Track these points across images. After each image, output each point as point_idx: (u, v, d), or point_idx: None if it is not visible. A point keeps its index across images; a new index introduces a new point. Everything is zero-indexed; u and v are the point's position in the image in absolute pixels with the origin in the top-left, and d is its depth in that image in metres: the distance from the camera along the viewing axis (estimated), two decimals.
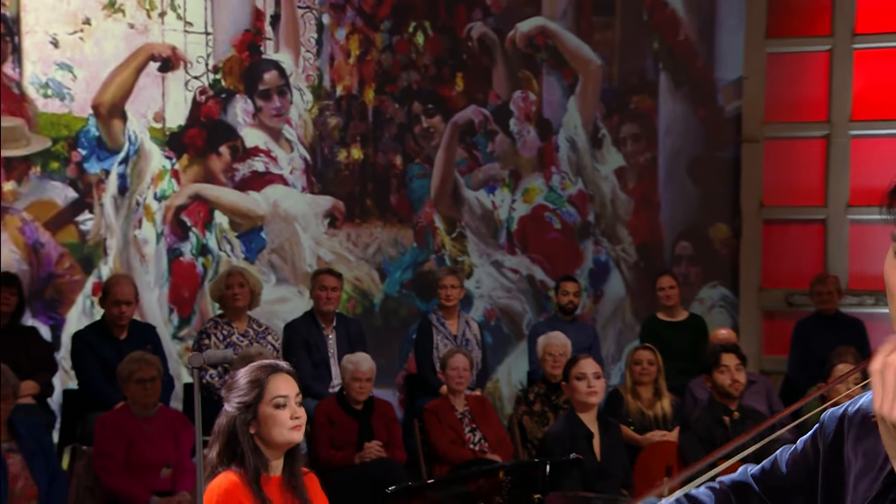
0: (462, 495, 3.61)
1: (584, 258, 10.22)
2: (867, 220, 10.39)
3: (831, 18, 10.65)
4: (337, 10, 9.00)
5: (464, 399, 7.65)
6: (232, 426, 3.62)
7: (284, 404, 3.64)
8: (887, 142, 10.65)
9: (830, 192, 10.66)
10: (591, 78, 10.26)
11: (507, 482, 3.65)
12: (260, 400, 3.62)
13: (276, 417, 3.62)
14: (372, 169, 9.22)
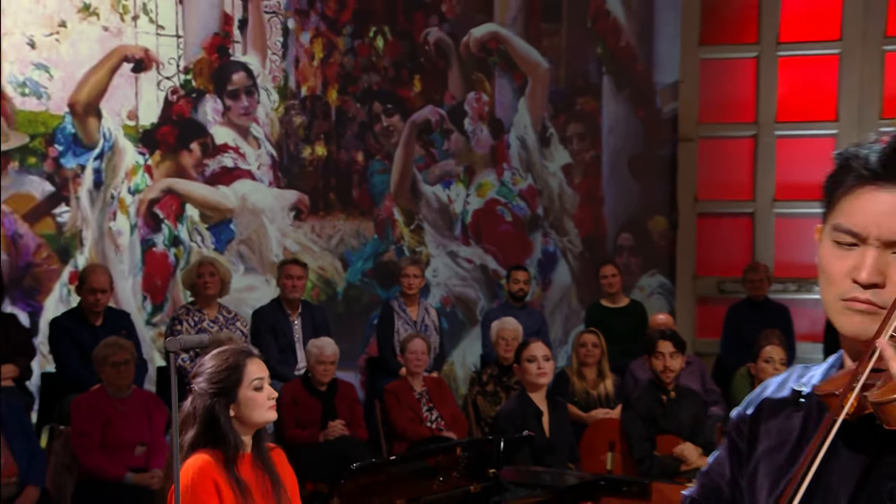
0: (422, 470, 3.54)
1: (533, 249, 10.25)
2: (791, 213, 10.58)
3: (758, 28, 10.75)
4: (301, 15, 8.93)
5: (422, 380, 7.65)
6: (210, 409, 3.56)
7: (261, 387, 3.61)
8: (809, 141, 10.71)
9: (758, 188, 10.79)
10: (539, 80, 10.29)
11: (464, 458, 3.62)
12: (239, 384, 3.57)
13: (256, 399, 3.59)
14: (335, 165, 9.15)
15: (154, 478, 6.13)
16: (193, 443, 3.55)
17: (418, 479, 3.46)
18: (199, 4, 8.31)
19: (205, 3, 8.34)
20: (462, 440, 6.64)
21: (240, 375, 3.58)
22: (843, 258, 1.67)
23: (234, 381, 3.58)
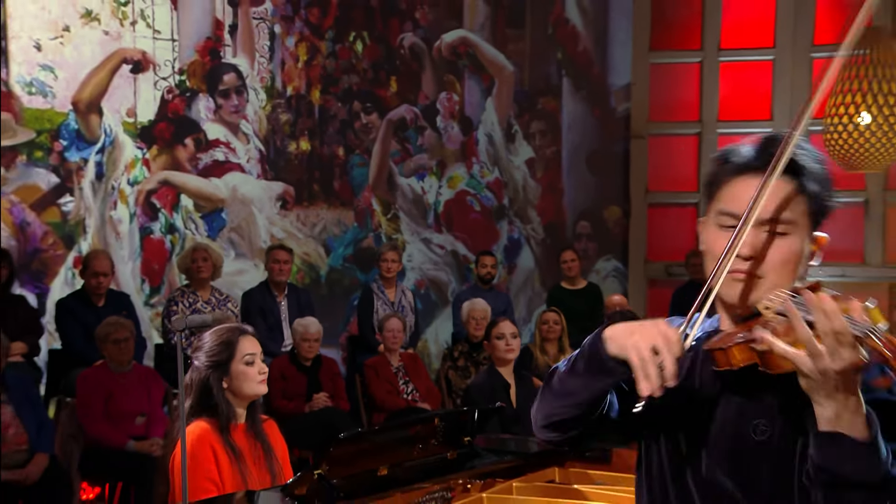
0: (403, 439, 3.50)
1: (499, 236, 10.27)
2: None
3: (701, 35, 10.83)
4: (287, 21, 8.88)
5: (398, 356, 7.65)
6: (205, 381, 3.52)
7: (253, 361, 3.57)
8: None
9: (702, 181, 10.67)
10: (505, 82, 10.30)
11: (442, 427, 3.57)
12: (232, 358, 3.53)
13: (247, 373, 3.54)
14: (318, 159, 9.09)
15: (153, 445, 6.14)
16: (190, 411, 3.51)
17: (399, 446, 3.43)
18: (192, 11, 8.25)
19: (198, 10, 8.29)
20: (439, 411, 6.65)
21: (232, 351, 3.53)
22: (726, 237, 1.79)
23: (227, 356, 3.53)
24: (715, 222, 1.86)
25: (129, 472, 6.18)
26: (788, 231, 1.81)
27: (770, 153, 1.80)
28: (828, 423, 1.62)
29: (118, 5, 7.77)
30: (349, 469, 3.24)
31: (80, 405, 6.18)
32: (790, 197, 1.81)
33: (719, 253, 1.79)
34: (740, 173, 1.83)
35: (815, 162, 1.84)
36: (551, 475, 3.69)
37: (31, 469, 5.64)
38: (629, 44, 10.88)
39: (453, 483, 3.41)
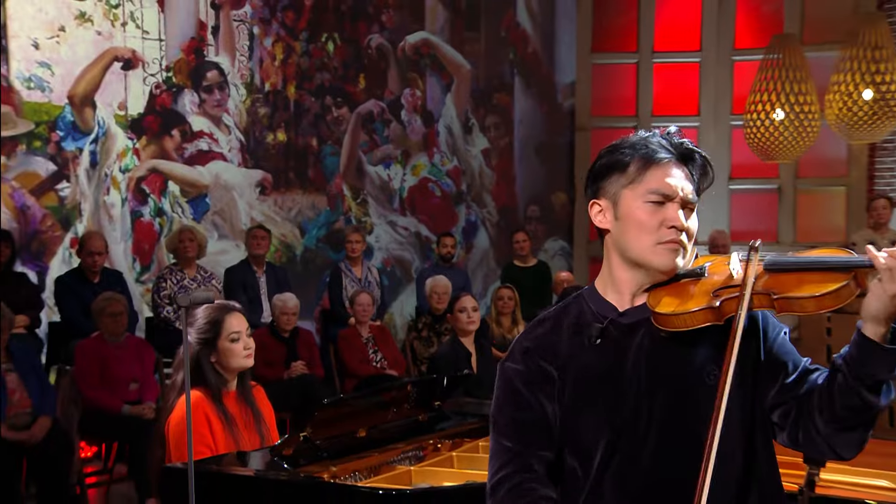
0: (379, 403, 3.51)
1: (458, 218, 10.25)
2: None
3: (637, 39, 10.91)
4: (265, 23, 8.78)
5: (368, 328, 7.64)
6: (196, 357, 3.47)
7: (238, 338, 3.51)
8: None
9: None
10: (462, 79, 10.28)
11: (414, 393, 3.61)
12: (218, 336, 3.48)
13: (233, 349, 3.49)
14: (293, 149, 9.01)
15: (146, 409, 6.11)
16: (183, 383, 3.38)
17: (376, 410, 3.43)
18: (178, 13, 8.16)
19: (183, 12, 8.19)
20: (412, 378, 6.64)
21: (219, 329, 3.48)
22: (655, 213, 1.89)
23: (214, 334, 3.47)
24: (644, 199, 1.90)
25: (123, 433, 6.18)
26: (694, 210, 1.95)
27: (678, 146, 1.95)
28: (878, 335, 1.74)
29: (110, 7, 7.66)
30: (331, 431, 3.23)
31: (78, 373, 6.13)
32: (691, 183, 1.95)
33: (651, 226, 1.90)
34: (668, 160, 1.93)
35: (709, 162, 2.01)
36: None
37: (35, 430, 5.62)
38: (573, 46, 10.92)
39: (425, 443, 3.42)
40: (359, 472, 3.13)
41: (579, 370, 1.93)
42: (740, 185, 10.56)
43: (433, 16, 10.01)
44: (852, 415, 1.78)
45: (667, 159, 1.92)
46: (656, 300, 1.89)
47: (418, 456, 3.36)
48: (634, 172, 1.92)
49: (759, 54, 9.04)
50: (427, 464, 3.26)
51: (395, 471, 3.17)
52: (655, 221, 1.89)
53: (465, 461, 3.33)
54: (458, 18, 10.20)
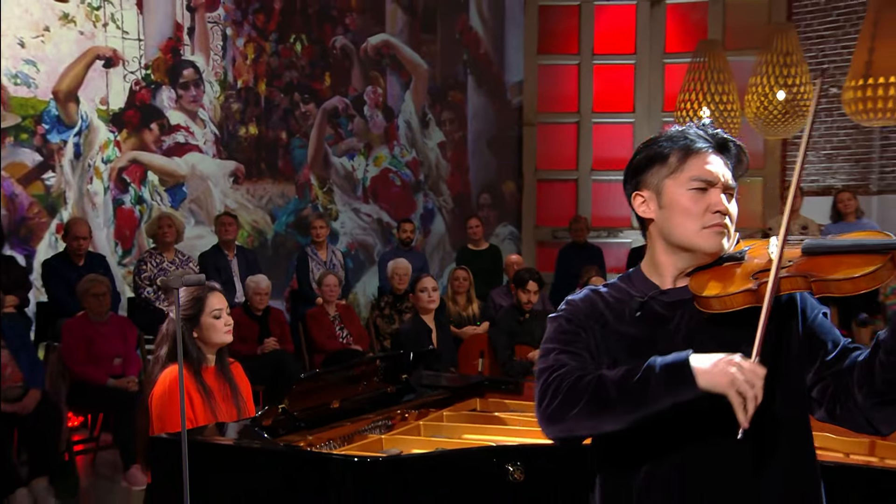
0: (350, 377, 3.45)
1: (416, 206, 10.24)
2: (604, 179, 10.81)
3: (578, 43, 10.93)
4: (237, 24, 8.68)
5: (334, 306, 7.62)
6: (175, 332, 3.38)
7: (220, 315, 3.45)
8: (615, 127, 10.92)
9: (580, 161, 11.01)
10: (420, 78, 10.25)
11: (383, 367, 3.56)
12: (201, 312, 3.41)
13: (214, 325, 3.43)
14: (264, 141, 8.92)
15: (129, 382, 6.09)
16: (167, 357, 3.40)
17: (348, 383, 3.39)
18: (156, 15, 8.03)
19: (161, 14, 8.07)
20: (381, 354, 6.62)
21: (201, 306, 3.42)
22: (700, 199, 1.86)
23: (197, 310, 3.40)
24: (687, 187, 1.87)
25: (108, 405, 6.15)
26: (734, 196, 1.91)
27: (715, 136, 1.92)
28: None
29: (92, 9, 7.52)
30: (307, 403, 3.19)
31: (65, 349, 6.10)
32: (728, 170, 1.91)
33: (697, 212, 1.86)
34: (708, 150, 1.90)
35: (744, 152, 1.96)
36: (474, 405, 3.70)
37: (26, 402, 5.59)
38: (521, 48, 10.92)
39: (393, 413, 3.41)
40: (333, 440, 3.12)
41: (619, 337, 1.88)
42: None
43: (393, 19, 9.97)
44: (891, 389, 1.73)
45: (705, 148, 1.89)
46: (698, 283, 1.85)
47: (387, 425, 3.35)
48: (676, 163, 1.89)
49: (687, 58, 9.14)
50: (396, 432, 3.25)
51: (366, 439, 3.15)
52: (700, 207, 1.86)
53: (432, 429, 3.33)
54: (416, 22, 10.16)
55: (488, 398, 3.74)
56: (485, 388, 3.80)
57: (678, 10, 10.69)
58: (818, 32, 10.22)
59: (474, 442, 3.10)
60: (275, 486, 2.75)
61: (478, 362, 6.77)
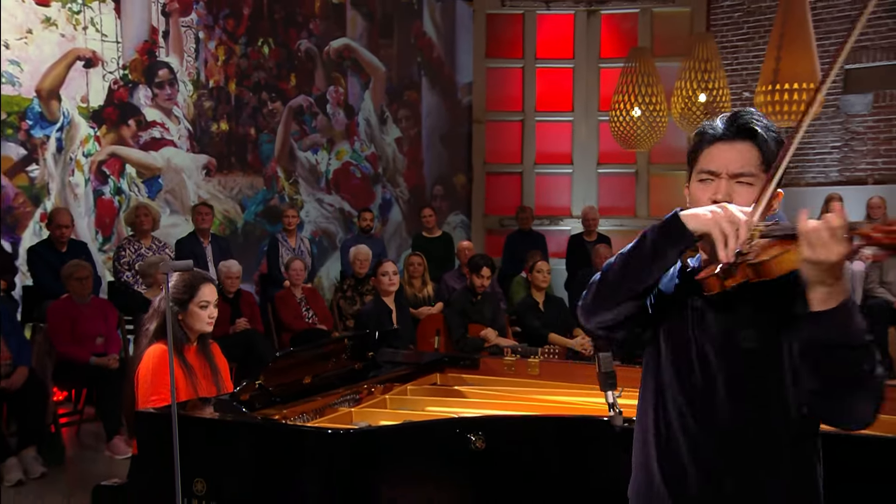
0: (321, 355, 3.41)
1: (375, 196, 10.21)
2: (546, 172, 10.89)
3: (522, 48, 10.97)
4: (209, 28, 8.55)
5: (301, 289, 7.58)
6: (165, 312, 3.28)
7: (207, 306, 3.41)
8: (555, 125, 10.96)
9: (525, 155, 11.05)
10: (379, 79, 10.21)
11: (350, 346, 3.52)
12: (191, 299, 3.38)
13: (199, 315, 3.40)
14: (234, 137, 8.82)
15: (111, 360, 6.05)
16: (153, 335, 3.36)
17: (319, 360, 3.35)
18: (133, 19, 7.89)
19: (138, 18, 7.92)
20: (348, 333, 6.61)
21: (193, 294, 3.38)
22: (705, 189, 1.79)
23: (188, 296, 3.37)
24: (697, 179, 1.81)
25: (91, 381, 6.13)
26: (752, 182, 1.76)
27: (735, 124, 1.79)
28: (820, 303, 1.56)
29: (72, 13, 7.36)
30: (281, 379, 3.17)
31: (50, 329, 6.03)
32: (750, 156, 1.77)
33: (702, 201, 1.78)
34: (714, 141, 1.80)
35: (768, 132, 1.80)
36: (434, 379, 3.70)
37: (14, 379, 5.53)
38: (470, 52, 10.92)
39: (361, 388, 3.39)
40: (306, 413, 3.10)
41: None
42: (606, 170, 10.75)
43: (353, 25, 9.90)
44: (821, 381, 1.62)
45: (714, 139, 1.80)
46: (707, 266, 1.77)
47: (356, 399, 3.32)
48: (694, 157, 1.84)
49: (620, 63, 9.22)
50: (364, 406, 3.24)
51: (337, 412, 3.13)
52: (704, 197, 1.78)
53: (397, 402, 3.33)
54: (374, 27, 10.11)
55: (447, 373, 3.74)
56: (444, 364, 3.79)
57: (611, 20, 10.78)
58: (733, 43, 10.39)
59: (437, 414, 3.09)
60: (253, 456, 2.72)
61: (434, 340, 6.78)
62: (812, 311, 1.57)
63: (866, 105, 9.81)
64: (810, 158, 10.15)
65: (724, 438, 1.74)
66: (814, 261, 1.53)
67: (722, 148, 1.79)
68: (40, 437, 5.58)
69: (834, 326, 1.55)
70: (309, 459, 2.61)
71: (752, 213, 1.66)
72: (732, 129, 1.79)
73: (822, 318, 1.56)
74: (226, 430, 2.83)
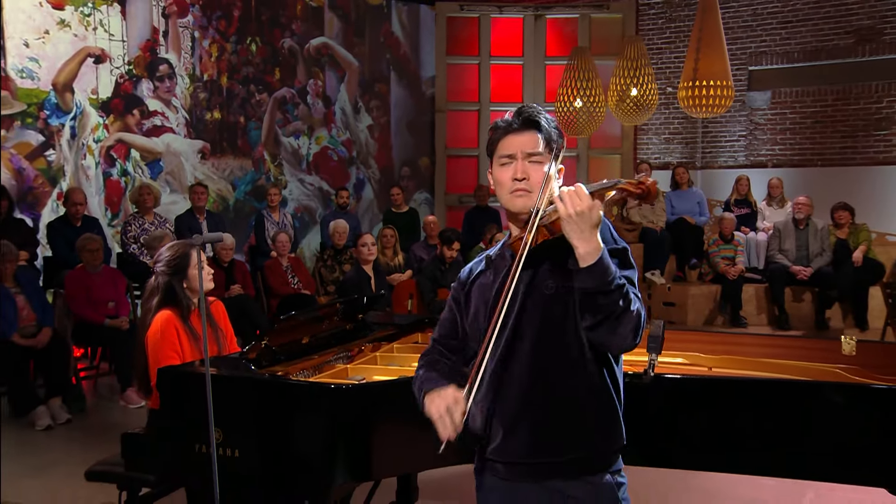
0: (316, 318, 3.33)
1: (350, 177, 10.18)
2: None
3: (479, 46, 10.84)
4: (203, 28, 8.53)
5: (286, 259, 7.56)
6: (168, 283, 3.28)
7: (203, 267, 3.19)
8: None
9: (481, 141, 10.85)
10: (353, 73, 10.16)
11: (342, 309, 3.44)
12: (188, 265, 3.30)
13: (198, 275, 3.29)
14: (226, 124, 8.83)
15: (122, 322, 6.08)
16: (158, 305, 3.27)
17: (314, 322, 3.28)
18: (137, 20, 7.88)
19: (141, 20, 7.91)
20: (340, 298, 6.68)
21: (187, 260, 3.29)
22: (507, 171, 1.83)
23: (185, 264, 3.28)
24: (498, 163, 1.85)
25: (105, 340, 6.19)
26: (541, 160, 1.83)
27: (521, 117, 1.86)
28: (581, 260, 1.66)
29: (84, 16, 7.37)
30: (283, 339, 3.10)
31: (68, 295, 6.08)
32: (536, 140, 1.83)
33: (505, 181, 1.83)
34: (507, 132, 1.86)
35: (549, 122, 1.87)
36: (416, 338, 3.66)
37: (40, 338, 5.60)
38: (433, 50, 10.81)
39: (353, 346, 3.36)
40: (306, 370, 3.04)
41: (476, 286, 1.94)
42: None
43: (331, 26, 9.86)
44: (592, 318, 1.70)
45: (508, 131, 1.86)
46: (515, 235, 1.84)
47: (348, 356, 3.27)
48: (493, 147, 1.88)
49: (563, 61, 9.23)
50: (358, 363, 3.20)
51: (334, 368, 3.10)
52: (506, 178, 1.83)
53: (386, 359, 3.30)
54: (349, 28, 10.07)
55: (428, 333, 3.67)
56: (425, 325, 3.74)
57: (555, 24, 10.80)
58: (658, 45, 10.59)
59: None
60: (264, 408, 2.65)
61: (407, 303, 6.84)
62: (577, 267, 1.67)
63: (766, 100, 10.16)
64: (721, 145, 10.47)
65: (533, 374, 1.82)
66: (564, 215, 1.65)
67: (515, 136, 1.85)
68: (64, 389, 5.65)
69: (590, 278, 1.65)
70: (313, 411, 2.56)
71: (542, 192, 1.78)
72: (520, 120, 1.86)
73: (583, 273, 1.66)
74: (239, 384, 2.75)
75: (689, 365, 2.92)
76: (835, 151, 9.83)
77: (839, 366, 2.76)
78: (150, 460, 3.05)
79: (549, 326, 1.79)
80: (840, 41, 9.75)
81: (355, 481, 2.73)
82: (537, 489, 1.82)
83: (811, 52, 9.88)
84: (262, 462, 2.59)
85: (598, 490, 1.80)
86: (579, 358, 1.78)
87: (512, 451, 1.82)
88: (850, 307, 7.95)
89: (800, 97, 9.96)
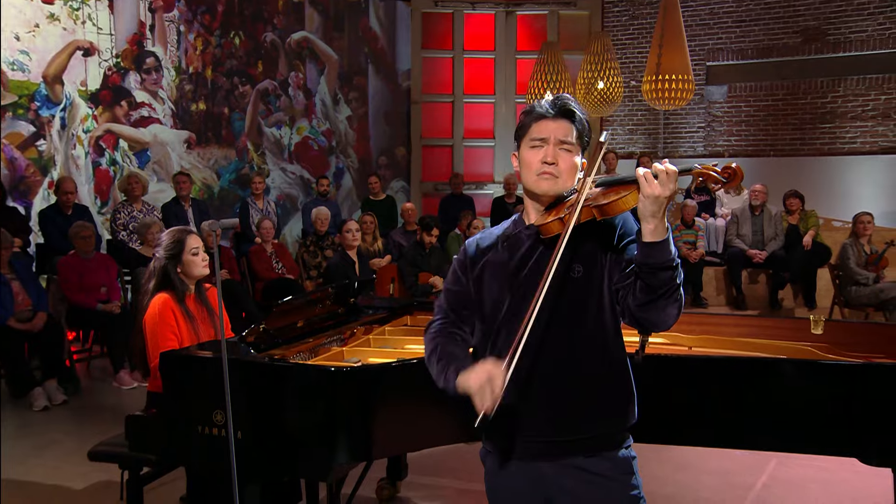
0: (310, 302, 3.29)
1: (330, 165, 10.16)
2: (472, 146, 10.86)
3: (452, 41, 10.87)
4: (188, 22, 8.40)
5: (270, 245, 7.49)
6: (165, 268, 3.25)
7: (197, 252, 3.30)
8: (480, 106, 10.94)
9: (454, 131, 10.98)
10: (333, 66, 10.12)
11: (334, 294, 3.40)
12: (182, 251, 3.26)
13: (194, 261, 3.29)
14: (211, 115, 8.72)
15: (113, 306, 6.02)
16: (154, 288, 3.23)
17: (308, 306, 3.24)
18: (124, 15, 7.72)
19: (128, 15, 7.75)
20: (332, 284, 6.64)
21: (182, 246, 3.24)
22: (536, 154, 1.80)
23: (179, 249, 3.23)
24: (529, 146, 1.82)
25: (98, 324, 6.12)
26: (571, 150, 1.81)
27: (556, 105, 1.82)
28: (651, 235, 1.64)
29: (73, 10, 7.20)
30: (280, 323, 3.06)
31: (61, 280, 6.01)
32: (569, 130, 1.81)
33: (533, 163, 1.80)
34: (543, 117, 1.82)
35: (582, 114, 1.85)
36: (406, 321, 3.65)
37: (35, 322, 5.53)
38: (409, 44, 10.82)
39: (346, 329, 3.34)
40: (302, 353, 2.99)
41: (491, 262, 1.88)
42: None
43: (311, 20, 9.79)
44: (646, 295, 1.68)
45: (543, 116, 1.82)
46: (543, 216, 1.81)
47: (341, 339, 3.23)
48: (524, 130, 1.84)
49: (534, 55, 9.33)
50: (352, 345, 3.16)
51: (329, 351, 3.05)
52: (535, 160, 1.80)
53: (379, 341, 3.27)
54: (329, 22, 10.01)
55: (417, 315, 3.68)
56: (413, 308, 3.73)
57: (526, 19, 10.85)
58: (623, 41, 10.66)
59: (417, 352, 3.00)
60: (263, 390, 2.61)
61: (390, 287, 6.83)
62: (645, 241, 1.64)
63: (723, 94, 10.27)
64: (682, 135, 10.58)
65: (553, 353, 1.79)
66: (651, 196, 1.60)
67: (549, 122, 1.81)
68: (59, 371, 5.60)
69: (661, 253, 1.63)
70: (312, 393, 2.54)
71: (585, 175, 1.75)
72: (556, 108, 1.82)
73: (654, 247, 1.64)
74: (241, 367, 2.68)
75: (670, 345, 2.95)
76: (786, 142, 9.99)
77: (810, 343, 2.80)
78: (153, 441, 3.02)
79: (575, 308, 1.77)
80: (789, 40, 9.89)
81: (355, 461, 2.71)
82: (557, 467, 1.80)
83: (763, 50, 10.01)
84: (264, 443, 2.57)
85: (616, 465, 1.80)
86: (602, 338, 1.78)
87: (535, 429, 1.80)
88: (801, 287, 8.10)
89: (754, 91, 10.09)
